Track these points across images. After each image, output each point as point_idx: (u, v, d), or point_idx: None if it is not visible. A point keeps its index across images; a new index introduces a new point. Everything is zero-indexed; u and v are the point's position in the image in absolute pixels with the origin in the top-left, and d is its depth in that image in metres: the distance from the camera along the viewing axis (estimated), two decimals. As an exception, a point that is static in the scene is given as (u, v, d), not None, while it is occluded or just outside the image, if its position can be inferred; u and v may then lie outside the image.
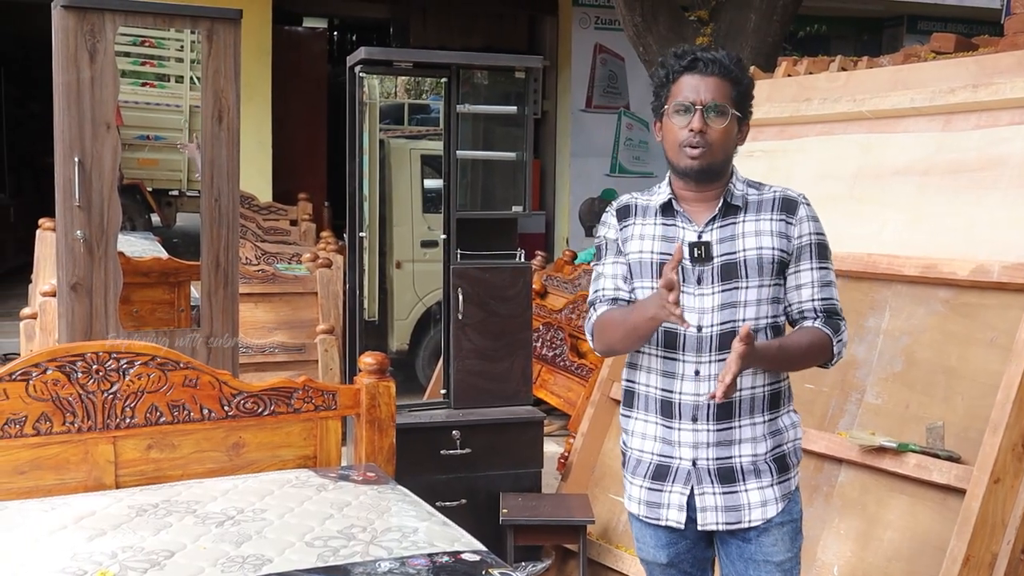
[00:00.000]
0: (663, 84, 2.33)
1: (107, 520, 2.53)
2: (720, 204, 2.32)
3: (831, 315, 2.33)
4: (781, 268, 2.32)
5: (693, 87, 2.26)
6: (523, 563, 3.93)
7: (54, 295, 4.46)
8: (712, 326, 2.29)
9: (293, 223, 8.71)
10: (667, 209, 2.36)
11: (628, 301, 2.38)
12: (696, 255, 2.24)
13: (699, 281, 2.30)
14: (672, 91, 2.30)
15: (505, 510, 3.86)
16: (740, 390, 2.30)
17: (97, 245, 3.71)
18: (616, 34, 10.50)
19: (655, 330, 2.27)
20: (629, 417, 2.44)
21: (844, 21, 13.48)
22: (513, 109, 4.32)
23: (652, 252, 2.35)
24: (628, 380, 2.45)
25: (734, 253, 2.29)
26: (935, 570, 2.86)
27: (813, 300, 2.33)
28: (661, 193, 2.38)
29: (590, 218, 9.71)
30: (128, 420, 2.85)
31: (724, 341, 2.27)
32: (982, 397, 3.03)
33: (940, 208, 3.40)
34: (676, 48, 2.36)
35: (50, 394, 2.76)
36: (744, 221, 2.31)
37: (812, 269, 2.33)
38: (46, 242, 5.75)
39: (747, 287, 2.29)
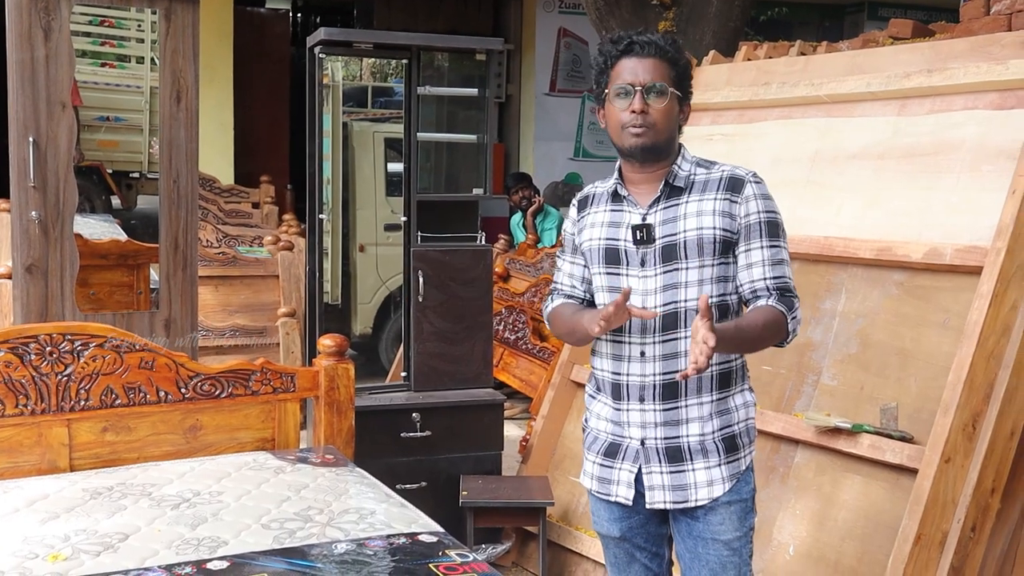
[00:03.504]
0: (602, 71, 2.35)
1: (60, 503, 2.51)
2: (662, 186, 2.34)
3: (784, 292, 2.32)
4: (725, 247, 2.32)
5: (631, 70, 2.30)
6: (483, 545, 3.94)
7: (9, 277, 4.40)
8: (655, 307, 2.32)
9: (255, 206, 8.65)
10: (615, 195, 2.41)
11: (582, 299, 2.48)
12: (638, 237, 2.32)
13: (642, 263, 2.34)
14: (611, 76, 2.33)
15: (465, 492, 3.87)
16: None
17: (53, 226, 3.67)
18: (580, 18, 10.48)
19: (590, 340, 2.42)
20: (594, 398, 2.50)
21: (806, 7, 13.53)
22: (475, 91, 4.31)
23: (600, 239, 2.39)
24: (592, 365, 2.51)
25: (675, 235, 2.32)
26: (888, 548, 2.91)
27: (765, 279, 2.32)
28: (611, 179, 2.43)
29: (554, 201, 9.72)
30: (83, 402, 2.83)
31: (667, 322, 2.31)
32: (934, 378, 3.07)
33: (895, 192, 3.44)
34: (611, 34, 2.39)
35: (2, 376, 2.72)
36: (687, 202, 2.33)
37: (762, 247, 2.32)
38: (1, 223, 5.67)
39: (687, 268, 2.31)
